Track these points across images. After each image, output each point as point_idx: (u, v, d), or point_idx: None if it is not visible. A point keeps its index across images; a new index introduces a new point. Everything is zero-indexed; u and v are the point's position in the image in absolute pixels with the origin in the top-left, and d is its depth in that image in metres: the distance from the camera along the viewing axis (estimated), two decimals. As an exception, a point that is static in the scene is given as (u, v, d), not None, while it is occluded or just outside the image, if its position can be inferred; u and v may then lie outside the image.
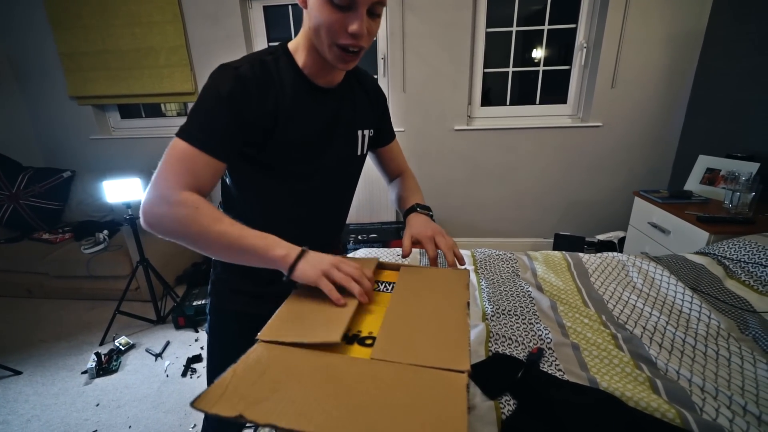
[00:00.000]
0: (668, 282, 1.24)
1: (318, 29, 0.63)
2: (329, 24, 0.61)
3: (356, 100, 0.82)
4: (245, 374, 0.41)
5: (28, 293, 2.45)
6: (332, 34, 0.62)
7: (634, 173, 2.52)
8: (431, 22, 2.37)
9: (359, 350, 0.48)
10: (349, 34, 0.61)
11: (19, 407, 1.58)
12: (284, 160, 0.72)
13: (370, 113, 0.86)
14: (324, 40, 0.63)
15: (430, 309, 0.57)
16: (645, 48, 2.25)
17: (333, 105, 0.76)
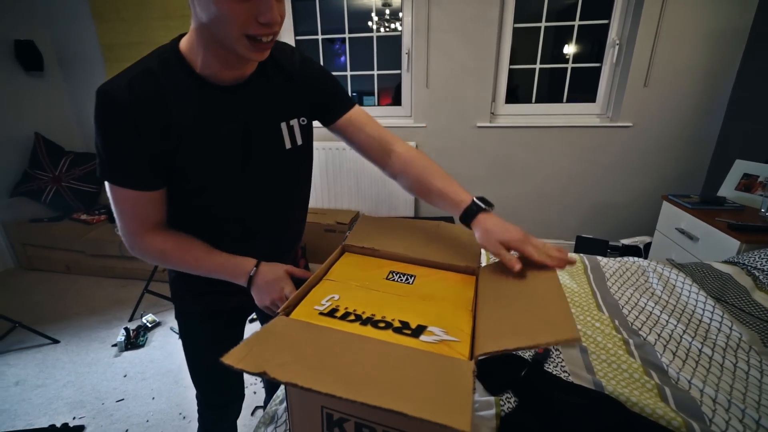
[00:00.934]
0: (689, 290, 1.20)
1: (219, 22, 0.53)
2: (234, 15, 0.52)
3: (274, 90, 0.71)
4: (268, 340, 0.45)
5: (66, 269, 2.63)
6: (239, 26, 0.53)
7: (664, 176, 2.42)
8: (457, 17, 2.34)
9: (372, 331, 0.50)
10: (260, 24, 0.54)
11: (56, 372, 1.71)
12: (202, 172, 0.66)
13: (298, 99, 0.75)
14: (229, 33, 0.54)
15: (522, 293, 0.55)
16: (682, 45, 2.15)
17: (243, 103, 0.67)
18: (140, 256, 0.70)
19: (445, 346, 0.46)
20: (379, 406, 0.34)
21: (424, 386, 0.38)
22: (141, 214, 0.66)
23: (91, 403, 1.54)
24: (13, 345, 1.89)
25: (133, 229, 0.66)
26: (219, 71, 0.63)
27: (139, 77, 0.58)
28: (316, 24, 2.65)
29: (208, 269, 0.70)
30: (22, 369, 1.74)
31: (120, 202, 0.64)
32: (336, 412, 0.53)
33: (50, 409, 1.52)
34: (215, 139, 0.65)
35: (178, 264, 0.70)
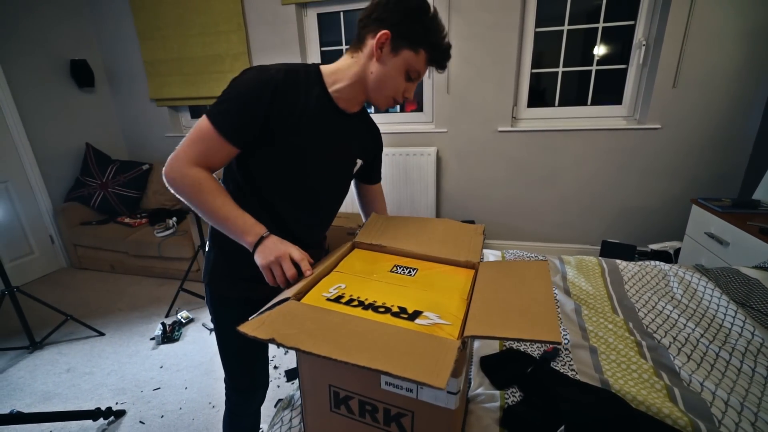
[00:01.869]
0: (711, 294, 1.17)
1: (384, 84, 0.77)
2: (397, 87, 0.78)
3: (362, 131, 0.93)
4: (278, 316, 0.52)
5: (111, 268, 2.86)
6: (395, 93, 0.80)
7: (695, 179, 2.33)
8: (477, 24, 2.37)
9: (373, 315, 0.56)
10: (403, 96, 0.81)
11: (101, 362, 1.87)
12: (292, 160, 0.80)
13: (369, 146, 0.97)
14: (384, 92, 0.79)
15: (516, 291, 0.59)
16: (713, 44, 2.07)
17: (347, 127, 0.86)
18: (175, 176, 0.74)
19: (437, 328, 0.51)
20: (368, 367, 0.39)
21: (411, 355, 0.43)
22: (209, 154, 0.74)
23: (131, 390, 1.68)
24: (65, 336, 2.07)
25: (190, 158, 0.73)
26: (344, 100, 0.83)
27: (290, 71, 0.76)
28: (340, 34, 2.76)
29: (227, 215, 0.74)
30: (72, 358, 1.91)
31: (202, 139, 0.73)
32: (342, 390, 0.59)
33: (96, 395, 1.67)
34: (319, 137, 0.80)
35: (204, 201, 0.74)
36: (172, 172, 0.74)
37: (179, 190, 0.75)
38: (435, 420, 0.54)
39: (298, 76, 0.77)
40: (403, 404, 0.55)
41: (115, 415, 1.53)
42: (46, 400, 1.64)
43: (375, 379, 0.54)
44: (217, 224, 0.77)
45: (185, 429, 1.47)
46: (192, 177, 0.73)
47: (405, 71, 0.76)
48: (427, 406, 0.53)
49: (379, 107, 0.83)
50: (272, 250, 0.72)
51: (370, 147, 0.98)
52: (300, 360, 0.61)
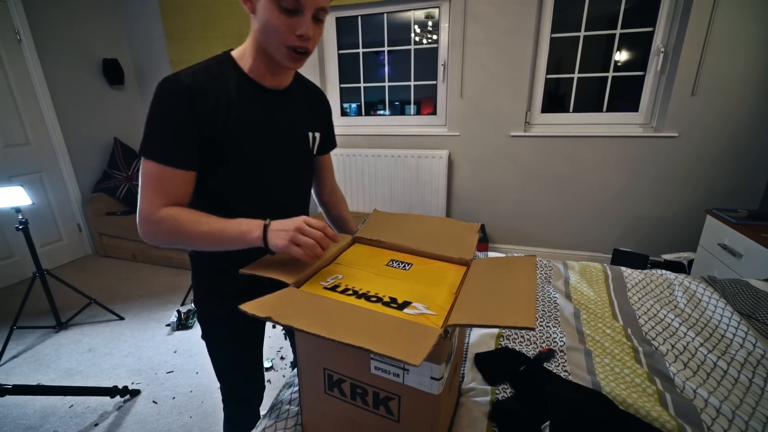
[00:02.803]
0: (716, 305, 1.16)
1: (267, 32, 0.68)
2: (278, 27, 0.67)
3: (303, 103, 0.86)
4: (277, 299, 0.57)
5: (132, 257, 2.99)
6: (282, 37, 0.68)
7: (713, 190, 2.28)
8: (492, 29, 2.39)
9: (365, 303, 0.60)
10: (296, 36, 0.68)
11: (120, 344, 1.98)
12: (238, 156, 0.75)
13: (317, 117, 0.91)
14: (273, 41, 0.69)
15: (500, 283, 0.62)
16: (734, 52, 2.03)
17: (282, 105, 0.80)
18: (151, 229, 0.70)
19: (423, 318, 0.55)
20: (352, 344, 0.44)
21: (393, 338, 0.46)
22: (168, 191, 0.69)
23: (146, 372, 1.77)
24: (88, 318, 2.19)
25: (156, 204, 0.69)
26: (263, 75, 0.76)
27: (199, 71, 0.72)
28: (357, 38, 2.82)
29: (220, 230, 0.69)
30: (93, 339, 2.02)
31: (153, 180, 0.68)
32: (335, 374, 0.63)
33: (114, 374, 1.76)
34: (255, 126, 0.76)
35: (190, 233, 0.69)
36: (146, 229, 0.70)
37: (162, 239, 0.71)
38: (420, 404, 0.57)
39: (210, 72, 0.72)
40: (391, 388, 0.58)
41: (131, 393, 1.62)
42: (68, 376, 1.75)
43: (365, 363, 0.58)
44: (215, 245, 0.71)
45: (195, 411, 1.54)
46: (163, 218, 0.69)
47: (275, 6, 0.65)
48: (413, 391, 0.57)
49: (285, 64, 0.72)
50: (283, 226, 0.67)
51: (321, 114, 0.92)
52: (298, 344, 0.65)
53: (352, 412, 0.64)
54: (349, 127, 3.00)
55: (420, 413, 0.58)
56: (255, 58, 0.74)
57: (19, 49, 2.55)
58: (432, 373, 0.54)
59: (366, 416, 0.62)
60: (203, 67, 0.72)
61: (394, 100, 2.98)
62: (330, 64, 2.91)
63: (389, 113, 3.00)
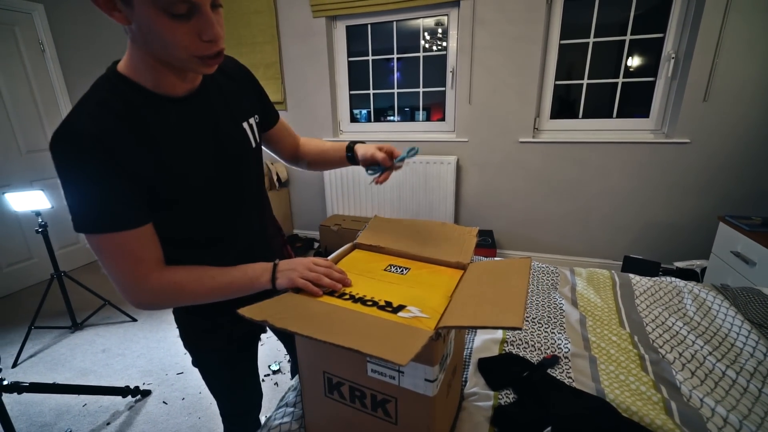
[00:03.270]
0: (726, 313, 1.14)
1: (165, 47, 0.54)
2: (177, 39, 0.53)
3: (225, 92, 0.72)
4: (274, 303, 0.59)
5: (146, 260, 3.06)
6: (186, 49, 0.54)
7: (726, 196, 2.24)
8: (501, 36, 2.40)
9: (360, 307, 0.61)
10: (204, 42, 0.55)
11: (133, 345, 2.02)
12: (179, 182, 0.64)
13: (247, 99, 0.77)
14: (177, 55, 0.55)
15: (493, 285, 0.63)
16: (746, 57, 2.01)
17: (202, 109, 0.67)
18: (152, 299, 0.63)
19: (416, 321, 0.56)
20: (343, 345, 0.45)
21: (384, 340, 0.48)
22: (143, 254, 0.61)
23: (157, 373, 1.81)
24: (103, 319, 2.25)
25: (141, 272, 0.61)
26: (173, 87, 0.62)
27: (96, 110, 0.56)
28: (367, 45, 2.86)
29: (229, 281, 0.66)
30: (107, 339, 2.08)
31: (116, 251, 0.59)
32: (334, 377, 0.65)
33: (126, 374, 1.81)
34: (187, 147, 0.64)
35: (196, 290, 0.65)
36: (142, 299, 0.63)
37: (165, 305, 0.66)
38: (416, 406, 0.58)
39: (110, 106, 0.57)
40: (388, 390, 0.60)
41: (142, 394, 1.66)
42: (83, 376, 1.80)
43: (362, 366, 0.59)
44: (223, 298, 0.68)
45: (203, 412, 1.57)
46: (161, 287, 0.63)
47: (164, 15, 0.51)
48: (408, 393, 0.58)
49: (201, 72, 0.61)
50: (291, 265, 0.67)
51: (248, 90, 0.79)
52: (298, 348, 0.67)
53: (352, 414, 0.65)
54: (359, 133, 3.03)
55: (416, 415, 0.59)
56: (157, 71, 0.59)
57: (43, 59, 2.66)
58: (426, 375, 0.55)
59: (365, 418, 0.64)
60: (97, 103, 0.57)
61: (404, 106, 3.01)
62: (340, 72, 2.96)
63: (399, 119, 3.02)
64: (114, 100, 0.58)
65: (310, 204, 3.28)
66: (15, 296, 2.57)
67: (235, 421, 1.01)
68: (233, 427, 1.02)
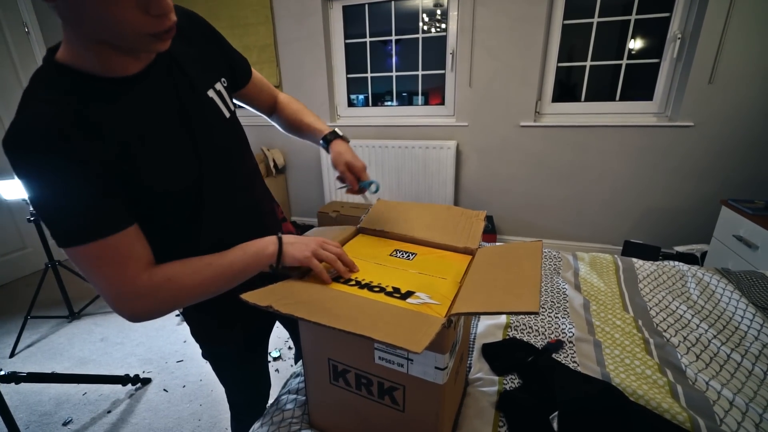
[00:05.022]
0: (730, 297, 1.14)
1: (111, 29, 0.47)
2: (124, 18, 0.46)
3: (183, 60, 0.63)
4: (279, 290, 0.57)
5: (143, 249, 3.03)
6: (136, 27, 0.47)
7: (728, 180, 2.22)
8: (503, 16, 2.34)
9: (367, 293, 0.59)
10: (155, 18, 0.48)
11: (131, 334, 2.01)
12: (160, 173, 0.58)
13: (208, 60, 0.68)
14: (126, 35, 0.48)
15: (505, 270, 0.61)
16: (756, 38, 1.96)
17: (161, 85, 0.59)
18: (147, 305, 0.56)
19: (426, 308, 0.54)
20: (353, 332, 0.43)
21: (395, 326, 0.46)
22: (133, 256, 0.54)
23: (157, 361, 1.80)
24: (101, 309, 2.23)
25: (129, 276, 0.54)
26: (124, 68, 0.54)
27: (43, 108, 0.49)
28: (365, 27, 2.78)
29: (229, 263, 0.60)
30: (106, 328, 2.06)
31: (104, 257, 0.52)
32: (340, 364, 0.63)
33: (125, 363, 1.80)
34: (157, 130, 0.57)
35: (194, 283, 0.58)
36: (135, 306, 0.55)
37: (164, 309, 0.57)
38: (424, 394, 0.57)
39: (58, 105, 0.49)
40: (395, 378, 0.58)
41: (142, 382, 1.65)
42: (82, 365, 1.79)
43: (369, 353, 0.58)
44: (229, 284, 0.61)
45: (204, 399, 1.57)
46: (154, 287, 0.55)
47: None
48: (417, 381, 0.56)
49: (155, 50, 0.53)
50: (300, 239, 0.63)
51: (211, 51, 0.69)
52: (302, 335, 0.65)
53: (358, 401, 0.64)
54: (356, 117, 2.98)
55: (425, 403, 0.58)
56: (103, 54, 0.51)
57: (28, 41, 2.56)
58: (436, 362, 0.53)
59: (371, 406, 0.62)
60: (43, 101, 0.50)
61: (402, 91, 2.95)
62: (337, 55, 2.88)
63: (396, 104, 2.96)
64: (60, 96, 0.50)
65: (307, 190, 3.24)
66: (10, 286, 2.54)
67: (243, 411, 1.01)
68: (241, 416, 1.02)
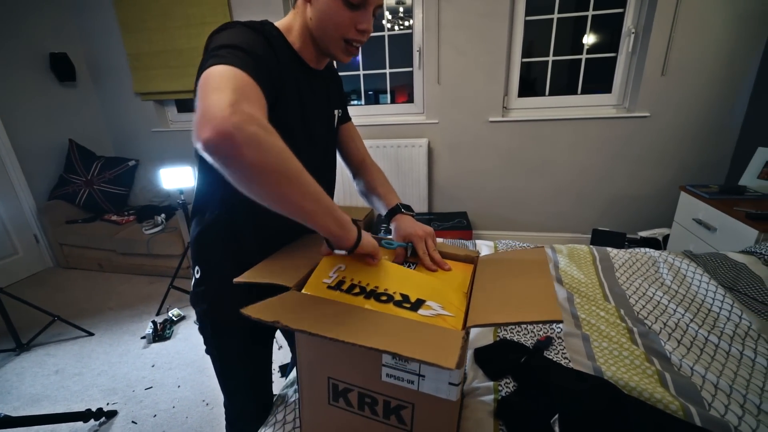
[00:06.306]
0: (700, 280, 1.19)
1: (326, 24, 0.66)
2: (340, 20, 0.65)
3: (329, 83, 0.85)
4: (280, 303, 0.53)
5: (99, 267, 2.80)
6: (342, 30, 0.66)
7: (684, 167, 2.35)
8: (467, 13, 2.35)
9: (375, 304, 0.56)
10: (358, 30, 0.67)
11: (91, 362, 1.84)
12: (287, 122, 0.67)
13: (339, 93, 0.91)
14: (331, 33, 0.67)
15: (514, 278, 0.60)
16: (702, 31, 2.08)
17: (323, 85, 0.80)
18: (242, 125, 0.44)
19: (441, 320, 0.51)
20: (377, 348, 0.40)
21: (417, 342, 0.43)
22: (252, 97, 0.51)
23: (122, 390, 1.66)
24: (53, 337, 2.03)
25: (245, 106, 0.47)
26: (310, 59, 0.74)
27: (261, 32, 0.64)
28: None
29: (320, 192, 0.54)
30: (60, 359, 1.88)
31: (234, 82, 0.49)
32: (341, 383, 0.58)
33: (86, 396, 1.64)
34: (302, 104, 0.72)
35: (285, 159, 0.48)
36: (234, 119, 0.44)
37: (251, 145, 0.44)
38: (435, 412, 0.54)
39: (266, 37, 0.64)
40: (404, 396, 0.55)
41: (107, 415, 1.51)
42: (34, 403, 1.61)
43: (376, 371, 0.54)
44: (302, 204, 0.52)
45: (179, 428, 1.46)
46: (266, 125, 0.48)
47: (341, 0, 0.64)
48: (428, 398, 0.53)
49: (338, 57, 0.71)
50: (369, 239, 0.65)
51: (338, 89, 0.92)
52: (299, 352, 0.60)
53: (359, 423, 0.60)
54: (323, 119, 2.90)
55: (435, 422, 0.55)
56: (305, 42, 0.71)
57: None
58: (450, 378, 0.50)
59: (375, 427, 0.59)
60: (261, 30, 0.64)
61: (368, 89, 2.90)
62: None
63: (362, 103, 2.91)
64: (269, 38, 0.64)
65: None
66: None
67: (244, 427, 0.93)
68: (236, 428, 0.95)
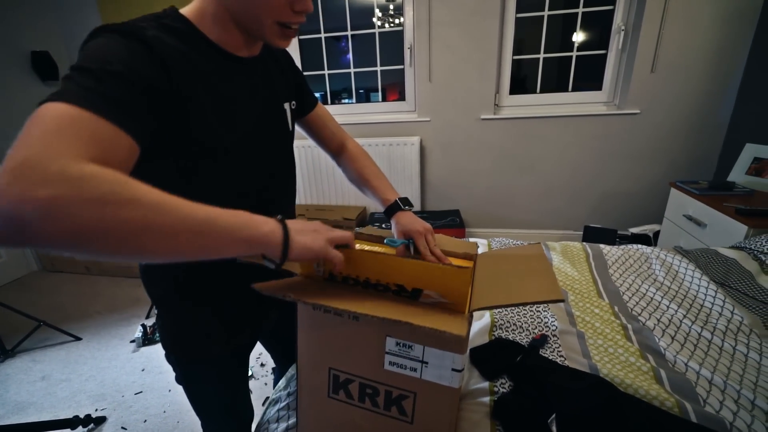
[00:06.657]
0: (692, 275, 1.19)
1: (250, 6, 0.54)
2: (269, 1, 0.53)
3: (272, 71, 0.70)
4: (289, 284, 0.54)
5: (86, 270, 2.74)
6: (275, 12, 0.54)
7: (674, 163, 2.38)
8: (458, 10, 2.34)
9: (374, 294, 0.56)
10: (294, 12, 0.55)
11: (79, 368, 1.80)
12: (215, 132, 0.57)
13: (287, 84, 0.75)
14: (262, 18, 0.54)
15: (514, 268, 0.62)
16: (690, 29, 2.10)
17: (252, 76, 0.64)
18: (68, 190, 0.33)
19: (441, 307, 0.51)
20: (388, 318, 0.42)
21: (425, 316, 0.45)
22: (101, 146, 0.40)
23: (111, 396, 1.62)
24: (39, 343, 1.98)
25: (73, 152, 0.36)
26: (236, 47, 0.60)
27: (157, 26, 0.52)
28: (319, 23, 2.68)
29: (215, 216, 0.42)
30: (47, 365, 1.83)
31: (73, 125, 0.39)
32: (342, 374, 0.57)
33: (74, 402, 1.60)
34: (232, 103, 0.60)
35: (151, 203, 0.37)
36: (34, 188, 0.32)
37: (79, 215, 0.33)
38: (437, 400, 0.54)
39: (166, 29, 0.53)
40: (406, 385, 0.55)
41: (95, 422, 1.47)
42: (20, 411, 1.57)
43: (378, 359, 0.54)
44: (193, 245, 0.40)
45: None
46: (100, 176, 0.35)
47: None
48: (430, 386, 0.53)
49: (273, 43, 0.58)
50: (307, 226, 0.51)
51: (290, 77, 0.77)
52: (300, 345, 0.59)
53: (360, 416, 0.59)
54: (315, 117, 2.87)
55: (437, 411, 0.55)
56: (224, 28, 0.57)
57: None
58: (453, 363, 0.50)
59: (375, 419, 0.58)
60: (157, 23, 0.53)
61: (359, 88, 2.88)
62: (291, 52, 2.75)
63: (354, 102, 2.89)
64: (167, 35, 0.52)
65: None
66: (-76, 326, 2.20)
67: None
68: None
